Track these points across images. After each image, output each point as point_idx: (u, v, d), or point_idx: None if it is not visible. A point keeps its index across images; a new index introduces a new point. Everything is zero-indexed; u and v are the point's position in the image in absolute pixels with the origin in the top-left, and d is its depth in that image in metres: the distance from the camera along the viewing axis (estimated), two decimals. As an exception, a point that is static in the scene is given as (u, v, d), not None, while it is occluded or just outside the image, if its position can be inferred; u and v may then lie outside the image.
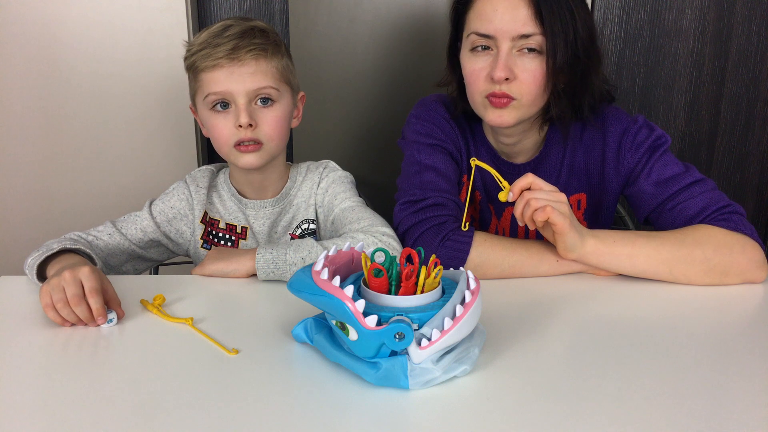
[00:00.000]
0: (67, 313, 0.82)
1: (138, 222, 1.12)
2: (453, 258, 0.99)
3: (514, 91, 1.01)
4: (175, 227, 1.16)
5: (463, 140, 1.15)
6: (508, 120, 1.04)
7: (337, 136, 1.83)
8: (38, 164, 1.71)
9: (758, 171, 1.99)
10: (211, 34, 1.06)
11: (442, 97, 1.17)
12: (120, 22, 1.63)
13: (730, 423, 0.64)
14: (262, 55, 1.06)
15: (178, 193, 1.16)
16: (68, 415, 0.64)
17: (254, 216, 1.16)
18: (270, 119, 1.07)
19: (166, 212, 1.15)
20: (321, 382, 0.71)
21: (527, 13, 0.98)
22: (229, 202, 1.17)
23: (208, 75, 1.05)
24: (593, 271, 1.02)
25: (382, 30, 1.73)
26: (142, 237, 1.12)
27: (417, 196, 1.05)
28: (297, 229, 1.17)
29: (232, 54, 1.03)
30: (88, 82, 1.66)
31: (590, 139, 1.12)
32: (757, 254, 0.99)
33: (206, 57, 1.04)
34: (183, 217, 1.16)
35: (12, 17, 1.60)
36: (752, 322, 0.88)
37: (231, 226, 1.16)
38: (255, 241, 1.16)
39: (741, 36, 1.87)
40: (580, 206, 1.17)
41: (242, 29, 1.05)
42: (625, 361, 0.76)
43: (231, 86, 1.04)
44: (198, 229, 1.16)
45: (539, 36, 0.98)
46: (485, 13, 1.01)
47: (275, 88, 1.07)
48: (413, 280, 0.71)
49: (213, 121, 1.07)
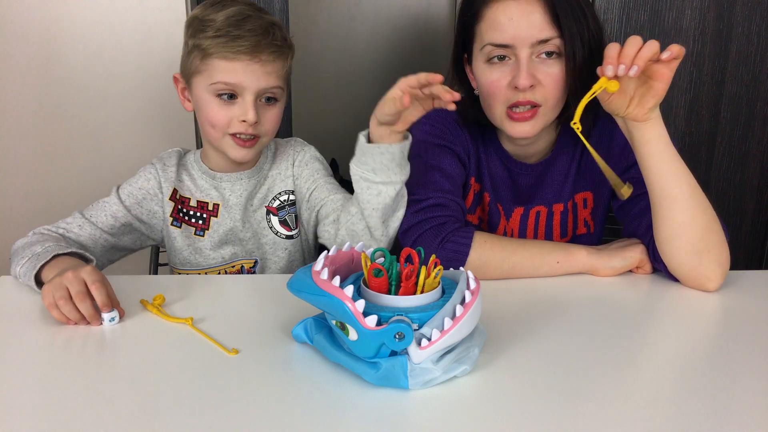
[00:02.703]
0: (69, 310, 0.82)
1: (107, 208, 1.11)
2: (453, 259, 0.99)
3: (539, 98, 1.01)
4: (146, 208, 1.15)
5: (472, 143, 1.14)
6: (531, 131, 1.03)
7: (336, 134, 1.83)
8: (38, 164, 1.71)
9: (758, 171, 1.99)
10: (230, 22, 1.04)
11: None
12: (120, 21, 1.63)
13: (730, 423, 0.64)
14: (281, 57, 1.07)
15: (146, 174, 1.16)
16: (68, 415, 0.64)
17: (230, 189, 1.16)
18: (271, 116, 1.09)
19: (134, 194, 1.14)
20: (321, 382, 0.71)
21: (543, 18, 0.97)
22: (200, 180, 1.17)
23: (223, 64, 1.04)
24: (593, 272, 1.02)
25: (382, 30, 1.73)
26: (113, 223, 1.11)
27: (419, 196, 1.05)
28: (274, 201, 1.18)
29: (254, 50, 1.04)
30: (87, 82, 1.66)
31: (598, 136, 1.12)
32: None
33: (224, 46, 1.03)
34: (153, 197, 1.15)
35: (12, 17, 1.60)
36: (752, 322, 0.88)
37: (202, 204, 1.16)
38: (229, 218, 1.16)
39: (741, 36, 1.87)
40: (587, 205, 1.17)
41: (263, 25, 1.05)
42: (625, 361, 0.76)
43: (245, 81, 1.04)
44: (167, 206, 1.15)
45: (557, 39, 0.98)
46: (499, 23, 0.99)
47: (282, 88, 1.09)
48: (413, 280, 0.71)
49: (213, 107, 1.07)
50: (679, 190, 0.94)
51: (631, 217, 1.07)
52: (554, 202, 1.16)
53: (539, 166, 1.15)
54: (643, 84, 0.90)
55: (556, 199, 1.16)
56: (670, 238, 0.95)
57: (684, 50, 0.87)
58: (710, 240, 0.95)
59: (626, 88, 0.91)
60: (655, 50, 0.85)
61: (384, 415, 0.65)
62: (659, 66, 0.88)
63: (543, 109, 1.02)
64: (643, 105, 0.91)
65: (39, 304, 0.90)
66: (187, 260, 1.17)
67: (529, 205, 1.17)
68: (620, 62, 0.85)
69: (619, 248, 1.04)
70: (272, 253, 1.19)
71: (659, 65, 0.87)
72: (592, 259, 1.01)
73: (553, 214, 1.17)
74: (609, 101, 0.92)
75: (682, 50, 0.86)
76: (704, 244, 0.94)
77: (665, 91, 0.89)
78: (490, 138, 1.15)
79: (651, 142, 0.93)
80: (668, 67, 0.88)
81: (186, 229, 1.16)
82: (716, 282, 0.96)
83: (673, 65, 0.88)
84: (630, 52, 0.85)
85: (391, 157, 0.97)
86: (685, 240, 0.94)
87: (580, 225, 1.18)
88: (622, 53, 0.86)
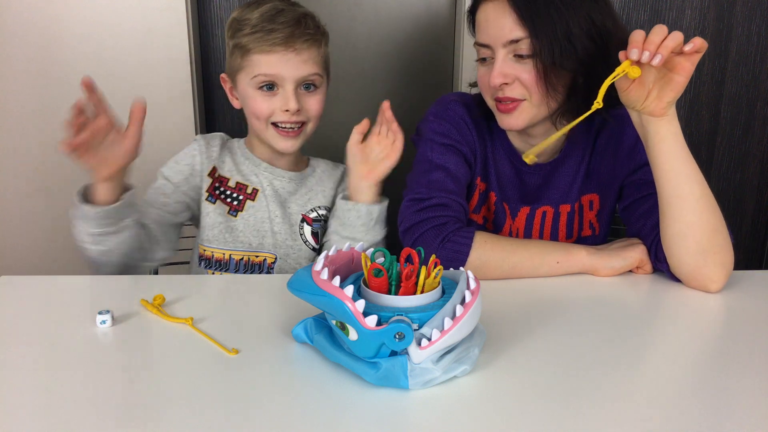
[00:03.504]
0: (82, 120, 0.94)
1: (159, 190, 1.17)
2: (453, 259, 0.99)
3: (518, 93, 1.02)
4: (193, 184, 1.20)
5: (479, 142, 1.14)
6: (516, 123, 1.04)
7: (336, 134, 1.83)
8: (38, 164, 1.71)
9: (758, 171, 1.99)
10: (264, 18, 1.11)
11: (461, 97, 1.17)
12: (120, 22, 1.63)
13: (730, 423, 0.64)
14: (315, 45, 1.13)
15: (191, 151, 1.21)
16: (68, 414, 0.64)
17: (269, 181, 1.22)
18: (313, 103, 1.16)
19: (182, 171, 1.19)
20: (321, 382, 0.71)
21: (513, 19, 0.98)
22: (243, 165, 1.23)
23: (261, 57, 1.11)
24: (593, 272, 1.02)
25: (382, 30, 1.73)
26: (167, 201, 1.16)
27: (422, 195, 1.05)
28: (312, 212, 1.23)
29: (288, 41, 1.10)
30: (88, 82, 1.66)
31: (606, 138, 1.12)
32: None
33: (260, 40, 1.10)
34: (198, 173, 1.20)
35: (12, 17, 1.60)
36: (752, 322, 0.88)
37: (241, 185, 1.21)
38: (266, 206, 1.20)
39: (741, 36, 1.87)
40: (593, 207, 1.17)
41: (296, 16, 1.12)
42: (625, 361, 0.76)
43: (282, 71, 1.11)
44: (205, 182, 1.20)
45: (527, 39, 0.98)
46: (480, 24, 1.04)
47: (320, 75, 1.15)
48: (413, 280, 0.71)
49: (256, 99, 1.14)
50: (690, 189, 0.93)
51: (636, 218, 1.07)
52: (561, 202, 1.16)
53: (548, 166, 1.15)
54: (662, 77, 0.90)
55: (563, 200, 1.16)
56: (677, 238, 0.95)
57: (707, 44, 0.86)
58: (717, 241, 0.95)
59: (646, 79, 0.90)
60: (679, 41, 0.85)
61: (384, 415, 0.65)
62: (681, 58, 0.87)
63: (527, 103, 1.03)
64: (661, 98, 0.90)
65: (39, 305, 0.90)
66: (216, 237, 1.19)
67: (535, 204, 1.17)
68: (645, 48, 0.85)
69: (619, 248, 1.04)
70: (294, 259, 1.21)
71: (681, 57, 0.87)
72: (592, 259, 1.01)
73: (560, 215, 1.17)
74: (627, 91, 0.91)
75: (704, 44, 0.86)
76: (710, 246, 0.94)
77: (684, 86, 0.89)
78: (498, 136, 1.15)
79: (666, 139, 0.93)
80: (690, 60, 0.87)
81: (220, 206, 1.20)
82: (719, 284, 0.96)
83: (695, 59, 0.87)
84: (656, 39, 0.85)
85: (357, 215, 1.08)
86: (692, 240, 0.94)
87: (586, 227, 1.18)
88: (648, 40, 0.85)
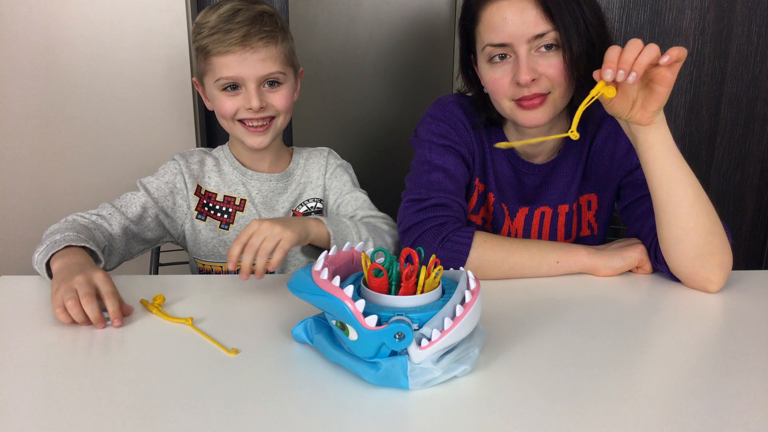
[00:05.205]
0: (76, 313, 0.83)
1: (136, 200, 1.15)
2: (453, 259, 0.99)
3: (544, 87, 1.00)
4: (172, 202, 1.19)
5: (477, 143, 1.14)
6: (543, 118, 1.03)
7: (336, 135, 1.83)
8: (38, 164, 1.71)
9: (758, 171, 1.99)
10: (221, 19, 1.10)
11: (459, 98, 1.16)
12: (120, 22, 1.63)
13: (730, 423, 0.64)
14: (272, 42, 1.12)
15: (171, 169, 1.20)
16: (68, 415, 0.64)
17: (257, 188, 1.22)
18: (278, 98, 1.15)
19: (162, 188, 1.18)
20: (321, 382, 0.71)
21: (536, 13, 0.97)
22: (230, 175, 1.23)
23: (220, 59, 1.10)
24: (593, 272, 1.02)
25: (382, 30, 1.73)
26: (141, 214, 1.14)
27: (422, 195, 1.05)
28: (302, 207, 1.23)
29: (244, 41, 1.09)
30: (87, 82, 1.66)
31: (603, 139, 1.12)
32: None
33: (218, 42, 1.09)
34: (179, 191, 1.20)
35: (12, 17, 1.60)
36: (752, 322, 0.88)
37: (229, 198, 1.21)
38: (255, 213, 1.21)
39: (741, 36, 1.87)
40: (591, 207, 1.17)
41: (252, 15, 1.11)
42: (625, 361, 0.76)
43: (242, 71, 1.10)
44: (192, 201, 1.20)
45: (553, 32, 0.97)
46: (495, 24, 1.00)
47: (282, 72, 1.14)
48: (413, 280, 0.71)
49: (221, 98, 1.14)
50: (684, 195, 0.93)
51: (635, 218, 1.07)
52: (559, 203, 1.16)
53: (546, 166, 1.15)
54: (645, 87, 0.89)
55: (562, 200, 1.16)
56: (674, 242, 0.95)
57: (685, 52, 0.85)
58: (714, 244, 0.94)
59: (628, 91, 0.89)
60: (654, 55, 0.84)
61: (384, 415, 0.65)
62: (661, 69, 0.86)
63: (552, 96, 1.02)
64: (646, 108, 0.89)
65: (39, 304, 0.90)
66: (211, 252, 1.21)
67: (534, 205, 1.17)
68: (619, 67, 0.84)
69: (618, 248, 1.04)
70: (292, 256, 1.22)
71: (661, 68, 0.86)
72: (592, 258, 1.01)
73: (558, 215, 1.17)
74: (611, 105, 0.91)
75: (682, 52, 0.84)
76: (708, 249, 0.94)
77: (668, 95, 0.88)
78: (497, 137, 1.15)
79: (655, 146, 0.92)
80: (670, 70, 0.86)
81: (211, 222, 1.20)
82: (718, 284, 0.96)
83: (675, 68, 0.86)
84: (629, 57, 0.84)
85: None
86: (689, 244, 0.94)
87: (584, 227, 1.18)
88: (621, 58, 0.84)
